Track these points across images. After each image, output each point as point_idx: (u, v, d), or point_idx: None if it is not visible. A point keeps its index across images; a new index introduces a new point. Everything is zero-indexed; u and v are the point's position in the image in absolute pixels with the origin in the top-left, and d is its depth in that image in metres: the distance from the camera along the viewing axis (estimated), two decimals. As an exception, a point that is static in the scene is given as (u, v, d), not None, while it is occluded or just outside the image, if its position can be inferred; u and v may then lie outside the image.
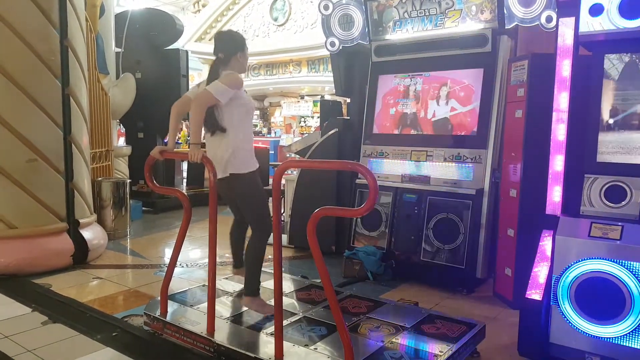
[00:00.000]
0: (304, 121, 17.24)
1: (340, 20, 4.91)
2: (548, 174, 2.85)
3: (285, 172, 3.01)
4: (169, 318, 3.01)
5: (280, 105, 17.61)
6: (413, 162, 4.39)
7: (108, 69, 6.69)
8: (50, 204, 4.45)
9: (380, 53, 4.71)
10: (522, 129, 3.61)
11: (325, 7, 4.94)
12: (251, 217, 3.08)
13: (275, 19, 13.06)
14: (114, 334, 3.11)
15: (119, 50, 7.24)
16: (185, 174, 9.12)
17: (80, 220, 4.69)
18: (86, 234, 4.73)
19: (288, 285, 3.58)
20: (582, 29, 2.73)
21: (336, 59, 5.17)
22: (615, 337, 2.56)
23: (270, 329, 2.75)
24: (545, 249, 2.85)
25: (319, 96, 15.13)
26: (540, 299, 2.75)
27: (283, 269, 2.60)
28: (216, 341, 2.71)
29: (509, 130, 3.84)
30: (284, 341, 2.53)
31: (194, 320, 2.97)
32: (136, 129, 7.62)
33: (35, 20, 4.28)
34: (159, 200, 7.39)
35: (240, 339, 2.73)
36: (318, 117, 9.84)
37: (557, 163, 2.83)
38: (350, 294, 3.48)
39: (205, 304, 2.95)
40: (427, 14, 4.39)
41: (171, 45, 7.81)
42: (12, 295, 3.81)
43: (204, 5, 15.59)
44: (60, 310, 3.52)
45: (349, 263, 4.37)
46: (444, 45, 4.33)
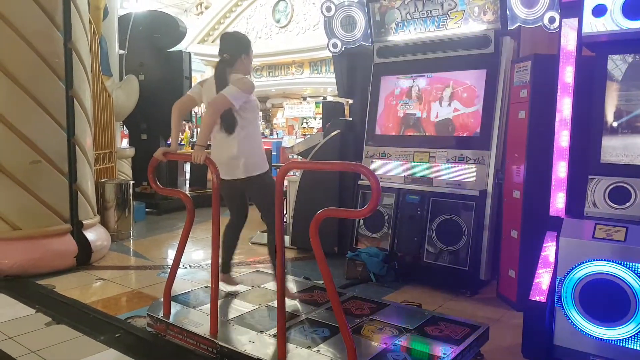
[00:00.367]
0: (306, 122, 17.26)
1: (343, 22, 4.91)
2: (552, 175, 2.84)
3: (288, 174, 3.01)
4: (172, 319, 3.02)
5: (282, 107, 17.62)
6: (416, 163, 4.38)
7: (111, 70, 6.71)
8: (54, 205, 4.47)
9: (383, 54, 4.71)
10: (525, 130, 3.60)
11: (328, 9, 4.95)
12: (271, 214, 3.11)
13: (278, 21, 13.08)
14: (117, 335, 3.12)
15: (122, 52, 7.27)
16: (188, 176, 9.13)
17: (84, 222, 4.70)
18: (90, 235, 4.74)
19: (291, 287, 3.58)
20: (585, 30, 2.72)
21: (338, 61, 5.17)
22: (619, 340, 2.55)
23: (273, 330, 2.75)
24: (549, 250, 2.83)
25: (322, 97, 15.13)
26: (544, 301, 2.73)
27: (286, 270, 2.59)
28: (219, 342, 2.71)
29: (512, 131, 3.83)
30: (286, 343, 2.53)
31: (197, 321, 2.97)
32: (139, 130, 7.65)
33: (40, 22, 4.29)
34: (162, 201, 7.41)
35: (243, 341, 2.73)
36: (320, 119, 9.82)
37: (561, 164, 2.82)
38: (353, 295, 3.47)
39: (208, 306, 2.96)
40: (430, 15, 4.39)
41: (174, 47, 7.85)
42: (16, 296, 3.83)
43: (206, 7, 15.64)
44: (64, 311, 3.52)
45: (352, 264, 4.37)
46: (446, 46, 4.32)
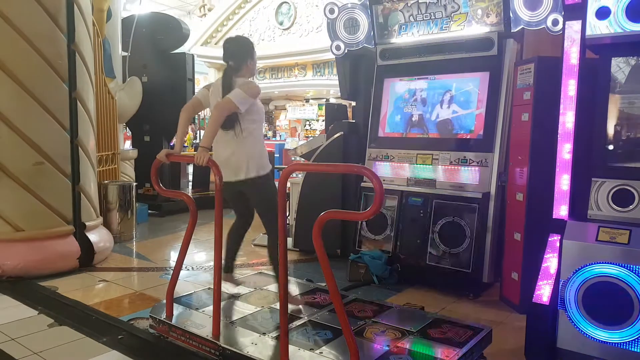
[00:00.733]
0: (309, 124, 17.28)
1: (346, 24, 4.91)
2: (555, 178, 2.83)
3: (291, 176, 3.01)
4: (174, 321, 3.01)
5: (285, 109, 17.64)
6: (419, 166, 4.38)
7: (115, 72, 6.73)
8: (57, 206, 4.48)
9: (386, 56, 4.71)
10: (529, 132, 3.60)
11: (331, 11, 4.96)
12: (271, 217, 3.13)
13: (281, 23, 13.10)
14: (119, 337, 3.12)
15: (125, 54, 7.29)
16: (190, 178, 9.14)
17: (87, 223, 4.71)
18: (92, 236, 4.75)
19: (293, 289, 3.57)
20: (589, 32, 2.71)
21: (341, 63, 5.18)
22: (623, 343, 2.54)
23: (276, 332, 2.75)
24: (552, 253, 2.82)
25: (324, 99, 15.16)
26: (547, 304, 2.73)
27: (288, 273, 2.59)
28: (222, 344, 2.71)
29: (516, 133, 3.83)
30: (289, 345, 2.52)
31: (200, 323, 2.97)
32: (142, 132, 7.67)
33: (43, 24, 4.31)
34: (164, 203, 7.42)
35: (246, 343, 2.73)
36: (323, 121, 9.85)
37: (564, 167, 2.81)
38: (356, 297, 3.47)
39: (210, 307, 2.95)
40: (433, 17, 4.39)
41: (177, 49, 7.86)
42: (19, 297, 3.83)
43: (210, 10, 15.68)
44: (67, 313, 3.53)
45: (355, 267, 4.36)
46: (449, 48, 4.32)
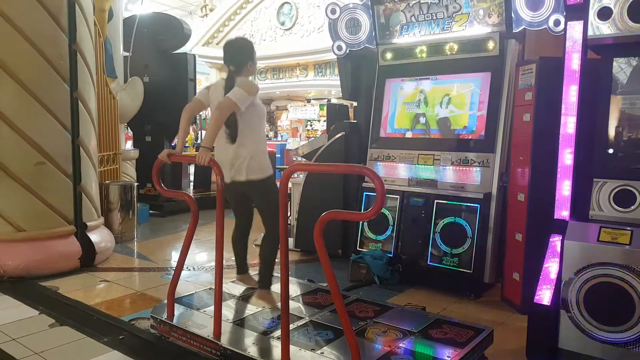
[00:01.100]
0: (311, 125, 17.26)
1: (347, 24, 4.91)
2: (556, 179, 2.83)
3: (292, 176, 3.02)
4: (175, 321, 3.02)
5: (286, 109, 17.63)
6: (420, 166, 4.37)
7: (116, 72, 6.73)
8: (58, 207, 4.48)
9: (387, 57, 4.70)
10: (530, 132, 3.59)
11: (333, 11, 4.96)
12: (272, 217, 3.16)
13: (282, 23, 13.10)
14: (120, 337, 3.12)
15: (127, 54, 7.28)
16: (192, 178, 9.14)
17: (88, 223, 4.72)
18: (93, 237, 4.75)
19: (294, 289, 3.58)
20: (591, 33, 2.71)
21: (343, 63, 5.18)
22: (624, 343, 2.53)
23: (277, 332, 2.75)
24: (553, 253, 2.82)
25: (326, 100, 15.14)
26: (548, 304, 2.73)
27: (289, 273, 2.59)
28: (222, 345, 2.71)
29: (517, 134, 3.82)
30: (290, 345, 2.52)
31: (201, 323, 2.97)
32: (144, 132, 7.67)
33: (45, 24, 4.31)
34: (166, 203, 7.42)
35: (247, 343, 2.73)
36: (324, 121, 9.83)
37: (566, 168, 2.81)
38: (357, 298, 3.46)
39: (211, 308, 2.96)
40: (435, 17, 4.38)
41: (179, 49, 7.87)
42: (20, 297, 3.83)
43: (211, 10, 15.67)
44: (68, 313, 3.53)
45: (356, 267, 4.36)
46: (451, 49, 4.30)
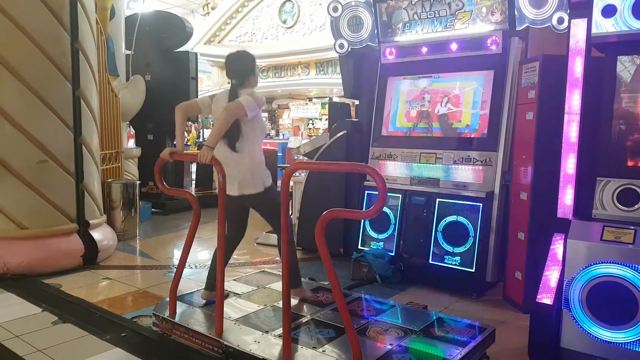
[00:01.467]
0: (312, 123, 17.24)
1: (349, 22, 4.90)
2: (559, 177, 2.82)
3: (294, 174, 3.01)
4: (177, 319, 3.02)
5: (288, 108, 17.62)
6: (422, 165, 4.36)
7: (118, 71, 6.74)
8: (61, 204, 4.49)
9: (390, 55, 4.69)
10: (533, 131, 3.58)
11: (334, 9, 4.95)
12: (279, 219, 3.17)
13: (284, 22, 13.09)
14: (123, 335, 3.12)
15: (129, 52, 7.29)
16: (194, 176, 9.15)
17: (90, 221, 4.72)
18: (96, 234, 4.76)
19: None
20: (595, 31, 2.70)
21: (345, 61, 5.17)
22: (627, 342, 2.52)
23: (279, 330, 2.75)
24: (556, 252, 2.82)
25: (328, 98, 15.13)
26: (551, 303, 2.72)
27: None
28: (224, 342, 2.71)
29: (520, 132, 3.81)
30: (292, 343, 2.52)
31: (203, 321, 2.97)
32: (146, 130, 7.68)
33: (47, 22, 4.32)
34: (168, 201, 7.43)
35: (249, 341, 2.73)
36: (326, 119, 9.83)
37: (569, 166, 2.80)
38: (359, 296, 3.47)
39: (213, 305, 2.96)
40: (437, 15, 4.37)
41: (180, 47, 7.87)
42: (23, 295, 3.84)
43: (213, 8, 15.68)
44: (70, 311, 3.54)
45: (357, 265, 4.36)
46: (453, 46, 4.29)
